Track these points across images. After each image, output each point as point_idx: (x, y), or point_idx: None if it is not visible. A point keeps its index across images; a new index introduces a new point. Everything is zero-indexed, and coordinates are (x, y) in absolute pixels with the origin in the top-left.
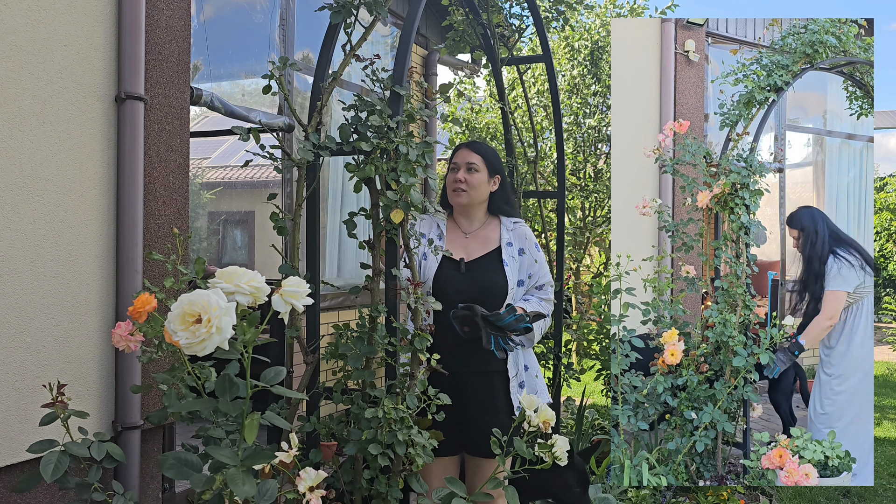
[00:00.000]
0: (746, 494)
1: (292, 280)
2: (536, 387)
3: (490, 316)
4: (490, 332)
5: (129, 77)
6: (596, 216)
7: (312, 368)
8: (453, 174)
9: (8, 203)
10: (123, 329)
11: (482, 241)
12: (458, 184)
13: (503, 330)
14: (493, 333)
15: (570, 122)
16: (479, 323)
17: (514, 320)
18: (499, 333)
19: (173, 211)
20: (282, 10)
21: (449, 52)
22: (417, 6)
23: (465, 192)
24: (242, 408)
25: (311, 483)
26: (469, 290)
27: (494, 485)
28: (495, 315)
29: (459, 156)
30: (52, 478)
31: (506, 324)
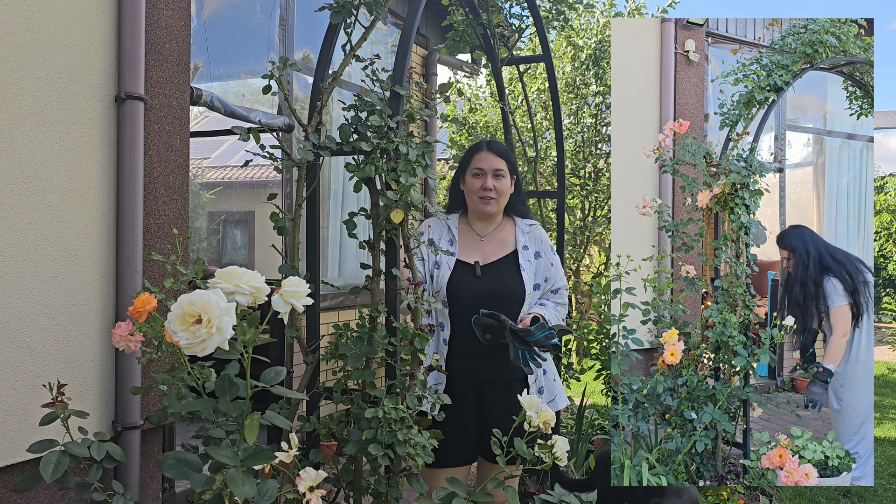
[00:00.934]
0: (746, 494)
1: (292, 280)
2: (555, 391)
3: (520, 331)
4: (518, 346)
5: (129, 77)
6: (596, 216)
7: (312, 368)
8: (479, 180)
9: (8, 203)
10: (123, 329)
11: (498, 245)
12: (488, 192)
13: (530, 345)
14: (521, 348)
15: (570, 122)
16: (508, 336)
17: (543, 337)
18: (526, 348)
19: (173, 211)
20: (281, 9)
21: (449, 52)
22: (417, 6)
23: (495, 199)
24: (242, 408)
25: (311, 483)
26: (485, 294)
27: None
28: (525, 331)
29: (483, 160)
30: (52, 478)
31: (535, 339)
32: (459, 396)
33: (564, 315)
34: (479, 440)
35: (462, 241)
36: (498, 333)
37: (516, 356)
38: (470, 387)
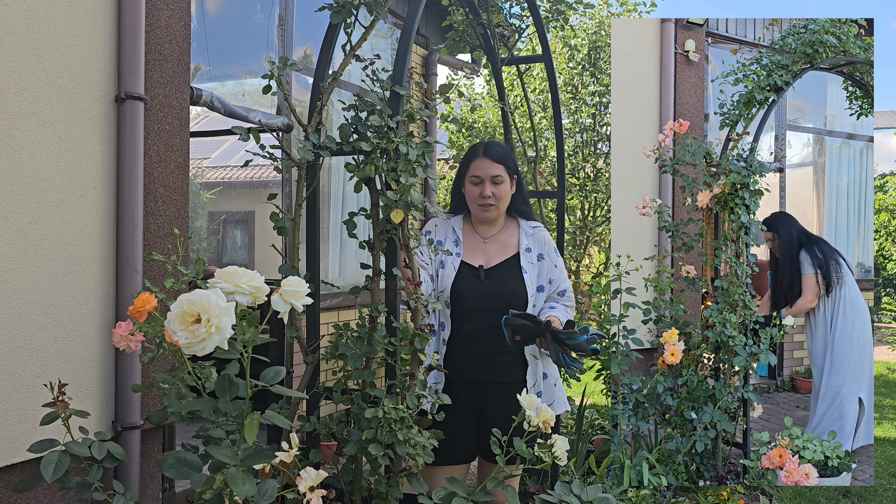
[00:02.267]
0: (746, 494)
1: (291, 280)
2: (554, 396)
3: (562, 334)
4: (558, 349)
5: (129, 77)
6: (596, 216)
7: (312, 368)
8: (478, 188)
9: (8, 203)
10: (124, 329)
11: (501, 247)
12: (486, 199)
13: (569, 349)
14: (561, 351)
15: (569, 123)
16: (548, 338)
17: (585, 341)
18: (566, 352)
19: (173, 211)
20: (280, 9)
21: (449, 52)
22: (417, 6)
23: (494, 205)
24: (242, 408)
25: (311, 483)
26: (490, 297)
27: (495, 484)
28: (569, 333)
29: (480, 168)
30: (52, 477)
31: (576, 343)
32: (459, 395)
33: (572, 317)
34: (479, 441)
35: (466, 243)
36: (530, 335)
37: (557, 359)
38: (469, 386)
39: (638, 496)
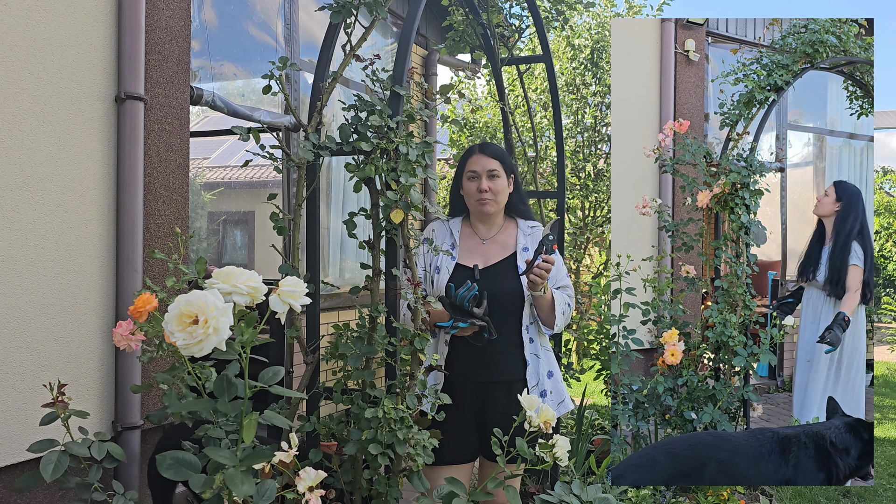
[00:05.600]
0: (746, 494)
1: (290, 280)
2: (563, 393)
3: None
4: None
5: (129, 77)
6: (596, 216)
7: (312, 368)
8: (475, 183)
9: (8, 203)
10: (124, 328)
11: (500, 247)
12: (484, 194)
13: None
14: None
15: (570, 123)
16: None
17: (465, 291)
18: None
19: (173, 211)
20: (285, 8)
21: (449, 53)
22: (417, 6)
23: (492, 199)
24: (241, 408)
25: (311, 483)
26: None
27: (495, 484)
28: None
29: (476, 163)
30: (52, 477)
31: (460, 298)
32: (460, 395)
33: (572, 305)
34: (480, 441)
35: (464, 245)
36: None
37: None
38: (470, 386)
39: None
